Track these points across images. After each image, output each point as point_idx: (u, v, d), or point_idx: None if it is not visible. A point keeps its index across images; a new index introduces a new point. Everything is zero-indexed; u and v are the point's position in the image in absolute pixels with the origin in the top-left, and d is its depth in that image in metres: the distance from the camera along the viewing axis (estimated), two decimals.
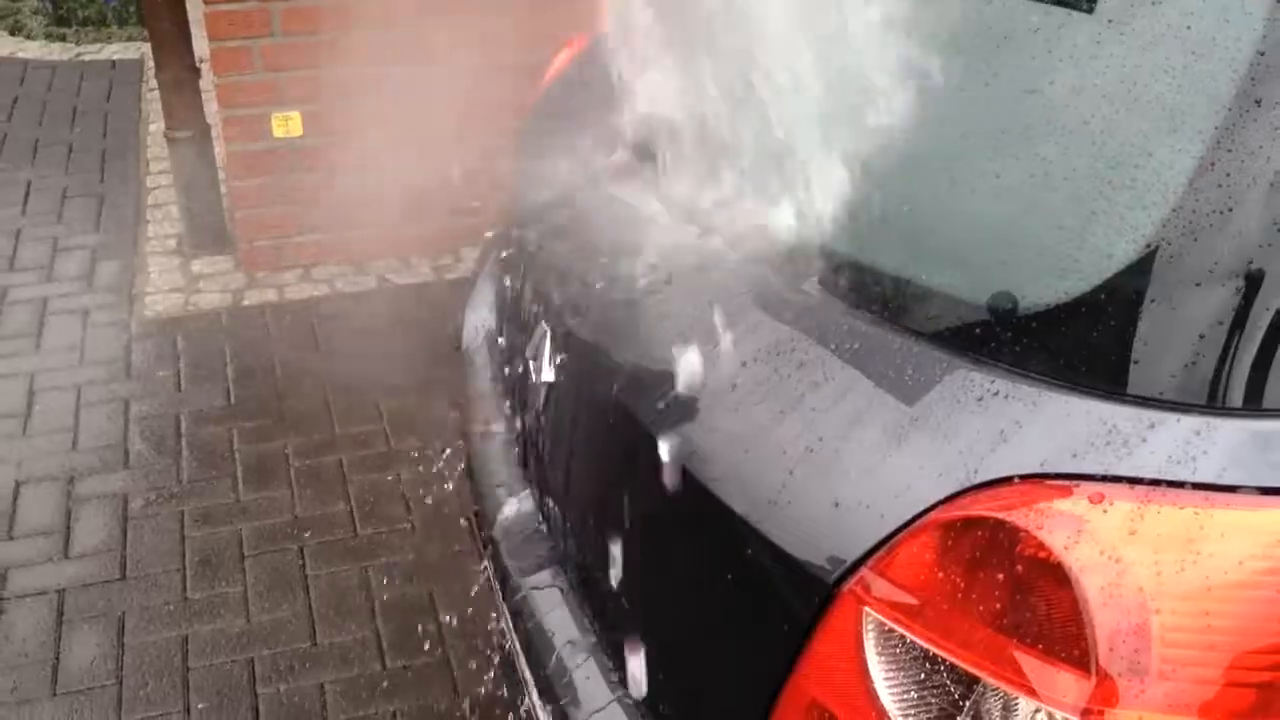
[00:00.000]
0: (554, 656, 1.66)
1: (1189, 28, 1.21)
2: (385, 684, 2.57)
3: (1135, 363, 1.11)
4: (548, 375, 1.74)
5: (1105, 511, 1.05)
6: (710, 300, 1.45)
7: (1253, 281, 1.09)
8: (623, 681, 1.55)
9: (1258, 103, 1.13)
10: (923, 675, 1.13)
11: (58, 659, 2.63)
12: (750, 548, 1.27)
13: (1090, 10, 1.32)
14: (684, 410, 1.39)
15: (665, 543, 1.45)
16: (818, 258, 1.42)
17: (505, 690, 2.19)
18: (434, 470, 3.20)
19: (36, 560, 2.91)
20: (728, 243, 1.52)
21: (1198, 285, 1.10)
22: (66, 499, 3.11)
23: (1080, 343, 1.16)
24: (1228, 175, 1.12)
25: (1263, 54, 1.14)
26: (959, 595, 1.09)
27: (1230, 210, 1.11)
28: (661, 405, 1.42)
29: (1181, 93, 1.19)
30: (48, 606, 2.77)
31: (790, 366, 1.31)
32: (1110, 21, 1.29)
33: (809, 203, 1.48)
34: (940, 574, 1.10)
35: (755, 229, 1.50)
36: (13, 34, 6.55)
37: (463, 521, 2.11)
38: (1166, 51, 1.21)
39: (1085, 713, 1.02)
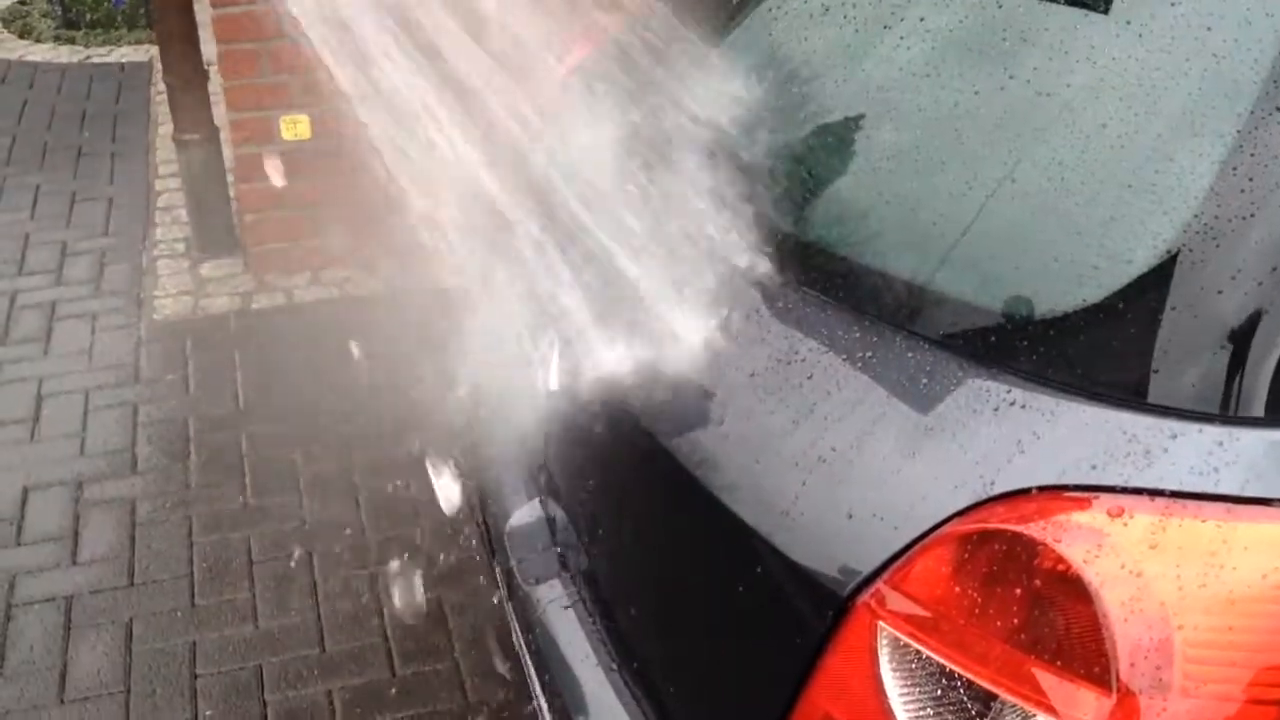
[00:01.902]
0: (562, 665, 1.64)
1: (1209, 29, 1.18)
2: (394, 691, 2.55)
3: (1156, 372, 1.09)
4: (555, 382, 1.71)
5: (1125, 524, 1.03)
6: (720, 307, 1.43)
7: (1276, 288, 1.06)
8: (632, 692, 1.53)
9: (1279, 108, 1.10)
10: (939, 691, 1.11)
11: (65, 666, 2.62)
12: (762, 559, 1.25)
13: (1106, 11, 1.30)
14: (695, 419, 1.37)
15: (675, 553, 1.43)
16: (830, 264, 1.40)
17: (514, 698, 2.18)
18: (445, 476, 3.19)
19: (44, 567, 2.90)
20: (737, 248, 1.49)
21: (1220, 292, 1.08)
22: (74, 505, 3.10)
23: (1099, 351, 1.14)
24: (1250, 180, 1.10)
25: None
26: (976, 610, 1.07)
27: (1253, 215, 1.09)
28: (672, 414, 1.40)
29: (1202, 96, 1.17)
30: (55, 613, 2.76)
31: (802, 375, 1.29)
32: (1128, 22, 1.27)
33: (821, 207, 1.46)
34: (956, 588, 1.08)
35: (767, 234, 1.48)
36: (22, 37, 6.55)
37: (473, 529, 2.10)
38: (1186, 53, 1.19)
39: None
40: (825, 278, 1.38)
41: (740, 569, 1.28)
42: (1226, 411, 1.06)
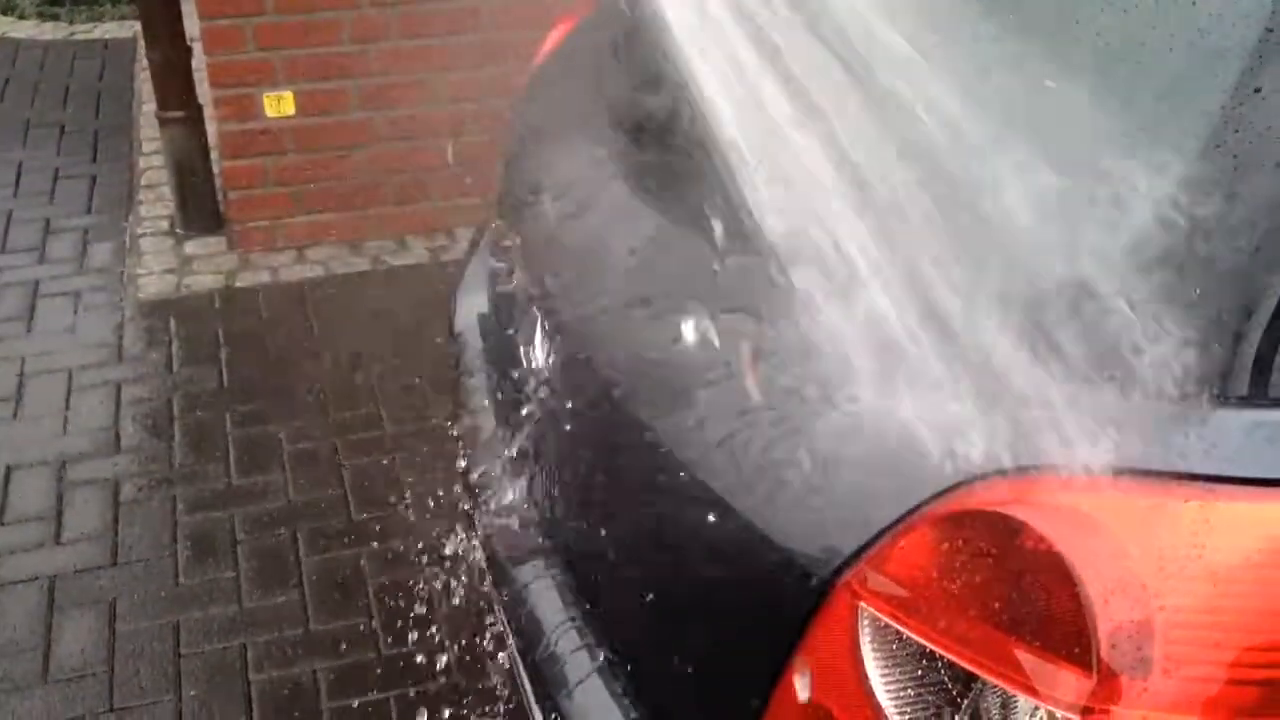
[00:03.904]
0: (544, 645, 1.64)
1: (1194, 3, 1.17)
2: (379, 671, 2.55)
3: (1136, 351, 1.08)
4: (539, 361, 1.71)
5: (1106, 504, 1.02)
6: (704, 290, 1.42)
7: (1256, 269, 1.05)
8: (614, 674, 1.53)
9: (1258, 90, 1.09)
10: (920, 672, 1.11)
11: (49, 646, 2.61)
12: (745, 541, 1.24)
13: None
14: (677, 399, 1.36)
15: (657, 534, 1.42)
16: (813, 244, 1.39)
17: (498, 678, 2.17)
18: (429, 454, 3.18)
19: (27, 546, 2.89)
20: (722, 229, 1.48)
21: (1199, 272, 1.07)
22: (58, 484, 3.08)
23: (1079, 330, 1.13)
24: (1235, 157, 1.09)
25: (1271, 31, 1.10)
26: (957, 590, 1.07)
27: (1235, 195, 1.08)
28: (654, 394, 1.39)
29: (1187, 71, 1.16)
30: (38, 593, 2.75)
31: (785, 357, 1.28)
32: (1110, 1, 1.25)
33: (798, 187, 1.44)
34: (937, 569, 1.08)
35: (745, 219, 1.46)
36: (5, 13, 6.49)
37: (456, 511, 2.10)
38: (1171, 28, 1.18)
39: (1086, 711, 1.00)
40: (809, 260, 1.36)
41: (723, 550, 1.28)
42: (1208, 391, 1.05)
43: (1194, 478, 1.02)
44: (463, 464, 2.12)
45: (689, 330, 1.38)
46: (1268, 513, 1.00)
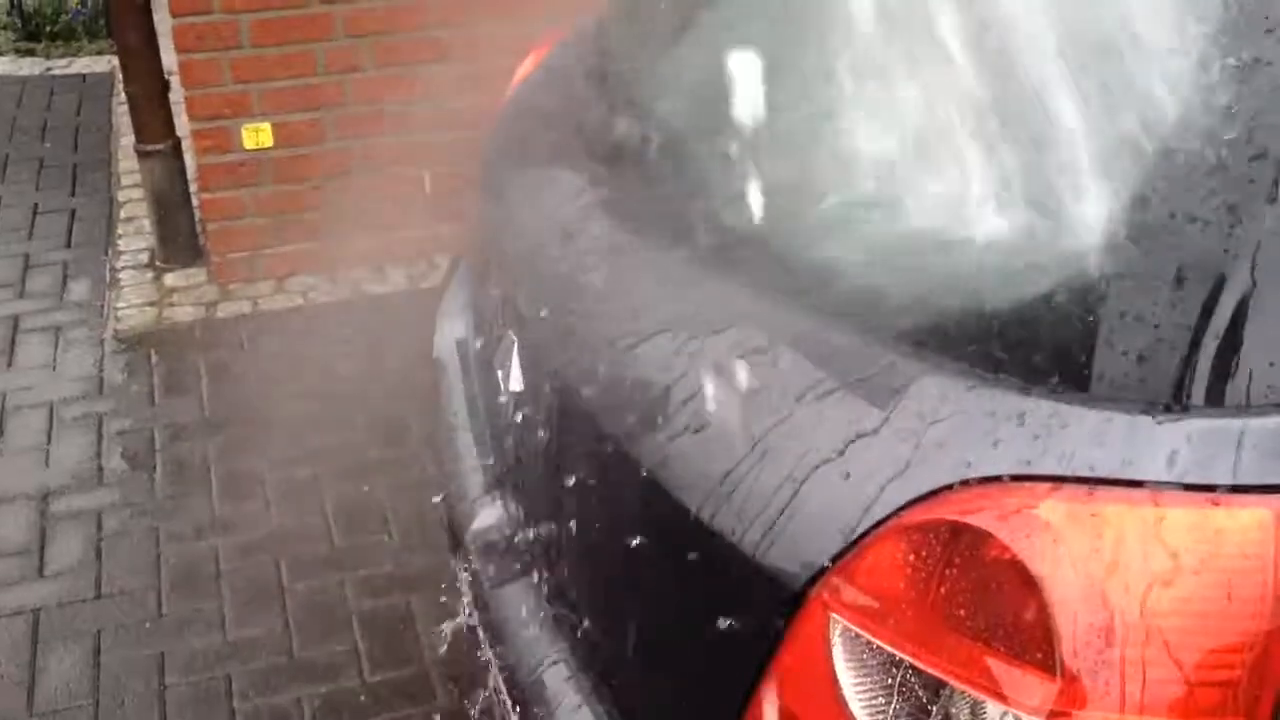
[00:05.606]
0: (525, 666, 1.65)
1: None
2: (364, 698, 2.56)
3: (1096, 362, 1.11)
4: (515, 384, 1.73)
5: (1068, 513, 1.04)
6: (676, 304, 1.45)
7: (1209, 281, 1.08)
8: (594, 689, 1.54)
9: (1230, 108, 1.12)
10: (890, 680, 1.13)
11: (33, 679, 2.61)
12: (719, 553, 1.26)
13: None
14: (650, 416, 1.39)
15: (633, 549, 1.44)
16: (785, 259, 1.42)
17: (482, 699, 2.18)
18: (411, 481, 3.19)
19: (11, 580, 2.89)
20: (699, 246, 1.51)
21: (1157, 284, 1.10)
22: (40, 518, 3.09)
23: (1042, 343, 1.16)
24: (1192, 168, 1.11)
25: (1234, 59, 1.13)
26: (925, 600, 1.09)
27: (1190, 207, 1.11)
28: (627, 411, 1.41)
29: (1149, 81, 1.18)
30: (23, 626, 2.75)
31: (757, 370, 1.30)
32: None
33: (772, 199, 1.47)
34: (906, 578, 1.10)
35: (723, 231, 1.49)
36: None
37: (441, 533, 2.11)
38: (1131, 33, 1.20)
39: (1052, 715, 1.02)
40: (776, 269, 1.39)
41: (697, 565, 1.30)
42: (1164, 400, 1.08)
43: (1153, 485, 1.04)
44: (443, 487, 2.14)
45: (663, 350, 1.41)
46: (1223, 519, 1.03)
